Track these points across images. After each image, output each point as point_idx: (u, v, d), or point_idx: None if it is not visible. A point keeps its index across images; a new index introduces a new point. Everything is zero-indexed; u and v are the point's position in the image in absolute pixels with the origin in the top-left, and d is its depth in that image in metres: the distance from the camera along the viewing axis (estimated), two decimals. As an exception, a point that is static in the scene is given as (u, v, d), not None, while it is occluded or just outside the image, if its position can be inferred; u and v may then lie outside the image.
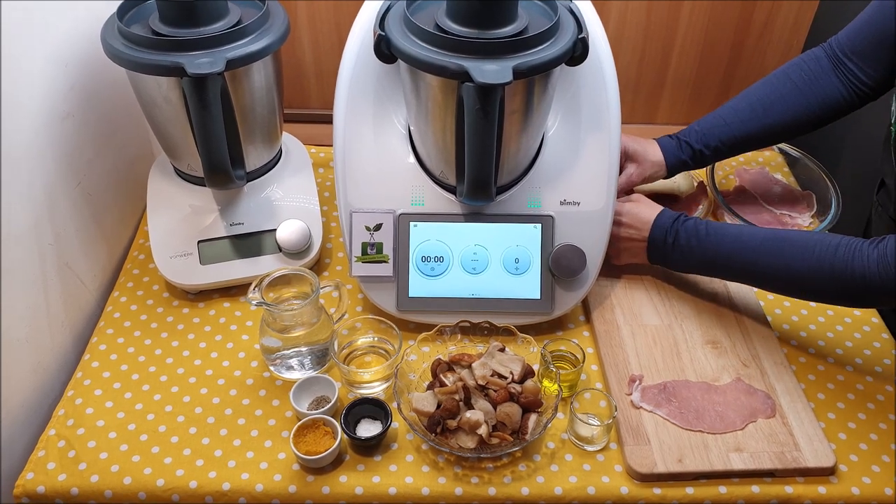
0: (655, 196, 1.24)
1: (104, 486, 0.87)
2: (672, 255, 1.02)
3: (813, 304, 1.08)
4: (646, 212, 1.04)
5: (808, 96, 1.04)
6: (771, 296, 1.10)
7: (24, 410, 0.95)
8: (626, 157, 1.12)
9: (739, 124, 1.08)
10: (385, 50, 0.86)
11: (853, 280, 0.87)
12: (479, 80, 0.80)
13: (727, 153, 1.11)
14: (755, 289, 1.10)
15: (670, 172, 1.13)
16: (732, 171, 1.33)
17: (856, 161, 1.33)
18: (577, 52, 0.87)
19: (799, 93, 1.05)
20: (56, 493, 0.86)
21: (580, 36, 0.86)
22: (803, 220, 1.20)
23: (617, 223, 1.05)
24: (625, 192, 1.12)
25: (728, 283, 1.10)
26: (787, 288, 0.96)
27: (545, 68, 0.84)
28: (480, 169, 0.90)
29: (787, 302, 1.10)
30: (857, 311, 1.09)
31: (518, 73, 0.81)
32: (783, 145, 1.31)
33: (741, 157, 1.36)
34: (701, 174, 1.29)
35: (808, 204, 1.24)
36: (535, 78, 0.86)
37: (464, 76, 0.81)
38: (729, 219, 1.21)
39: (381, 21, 0.88)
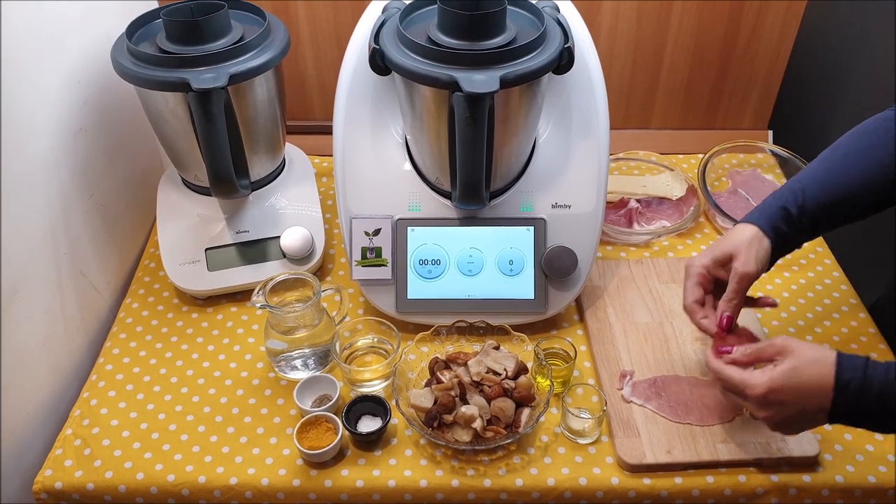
0: (651, 198, 1.28)
1: (118, 482, 0.91)
2: (870, 407, 0.74)
3: (808, 316, 1.10)
4: (812, 368, 0.76)
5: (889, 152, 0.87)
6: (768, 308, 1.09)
7: (42, 411, 0.99)
8: (720, 265, 0.89)
9: (834, 175, 0.88)
10: (380, 62, 0.90)
11: None
12: (467, 89, 0.84)
13: (823, 214, 0.87)
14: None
15: (776, 244, 0.87)
16: (725, 172, 1.36)
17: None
18: (564, 61, 0.90)
19: (882, 147, 0.87)
20: (73, 488, 0.91)
21: (566, 45, 0.90)
22: (793, 220, 1.23)
23: (779, 401, 0.77)
24: (743, 302, 0.89)
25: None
26: None
27: (531, 77, 0.88)
28: (471, 174, 0.93)
29: (784, 313, 1.12)
30: (853, 322, 1.09)
31: (505, 83, 0.85)
32: (774, 147, 1.35)
33: (734, 160, 1.39)
34: (693, 177, 1.32)
35: (798, 204, 1.26)
36: (523, 86, 0.90)
37: (454, 86, 0.85)
38: (720, 219, 1.24)
39: (377, 35, 0.92)
